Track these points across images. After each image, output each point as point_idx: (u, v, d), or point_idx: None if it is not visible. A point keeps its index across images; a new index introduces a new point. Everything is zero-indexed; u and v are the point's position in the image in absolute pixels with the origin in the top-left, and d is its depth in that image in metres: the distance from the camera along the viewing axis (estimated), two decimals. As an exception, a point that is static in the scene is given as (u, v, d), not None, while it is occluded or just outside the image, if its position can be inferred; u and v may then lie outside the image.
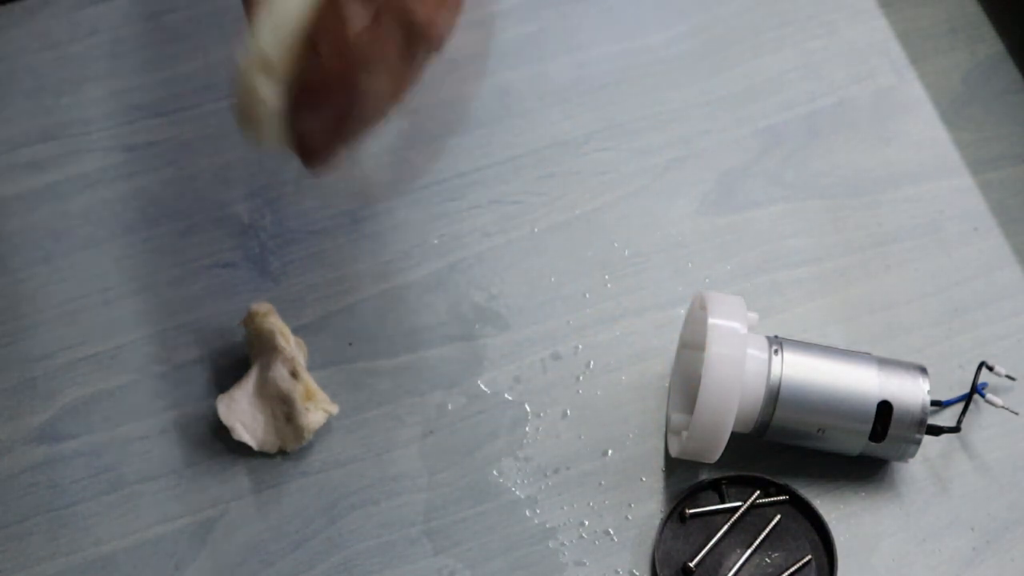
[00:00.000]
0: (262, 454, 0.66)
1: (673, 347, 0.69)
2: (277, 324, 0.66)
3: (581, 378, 0.69)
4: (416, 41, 0.50)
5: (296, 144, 0.54)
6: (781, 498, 0.65)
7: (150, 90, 0.76)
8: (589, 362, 0.70)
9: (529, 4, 0.78)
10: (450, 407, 0.68)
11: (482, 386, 0.69)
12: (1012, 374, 0.68)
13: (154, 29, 0.77)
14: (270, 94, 0.52)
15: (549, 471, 0.67)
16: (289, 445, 0.66)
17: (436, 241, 0.72)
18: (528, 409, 0.68)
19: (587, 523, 0.66)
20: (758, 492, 0.65)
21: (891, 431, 0.63)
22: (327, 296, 0.71)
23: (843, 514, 0.66)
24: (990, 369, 0.67)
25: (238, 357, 0.69)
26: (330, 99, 0.51)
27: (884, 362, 0.65)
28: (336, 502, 0.66)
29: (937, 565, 0.65)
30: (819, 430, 0.64)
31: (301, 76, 0.50)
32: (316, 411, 0.66)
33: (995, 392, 0.67)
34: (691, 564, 0.63)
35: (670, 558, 0.64)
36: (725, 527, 0.64)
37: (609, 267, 0.72)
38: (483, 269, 0.72)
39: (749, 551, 0.64)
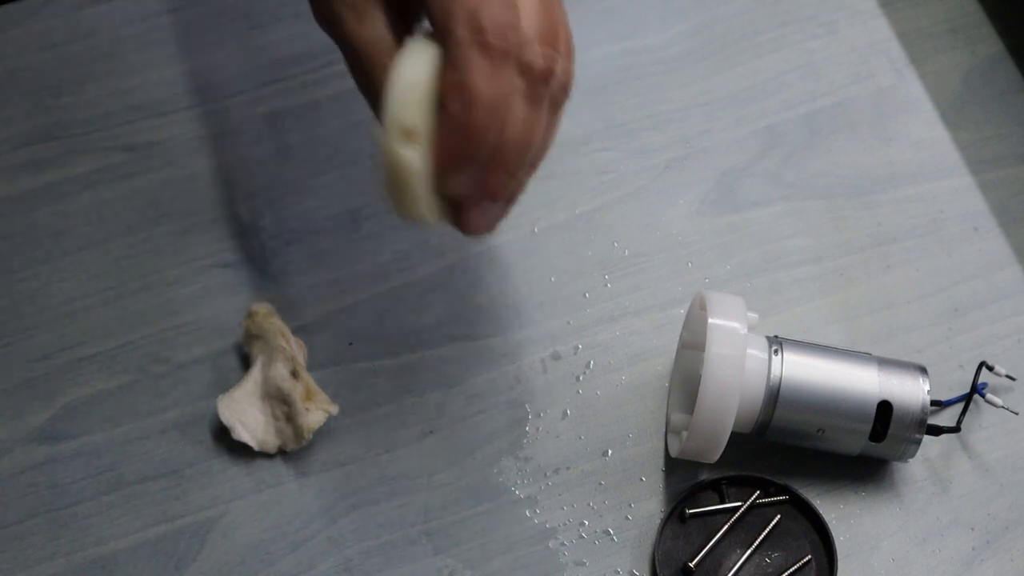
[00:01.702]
0: (262, 454, 0.66)
1: (673, 347, 0.69)
2: (277, 324, 0.66)
3: (581, 378, 0.69)
4: (538, 87, 0.52)
5: (451, 214, 0.56)
6: (781, 498, 0.65)
7: (150, 90, 0.76)
8: (589, 362, 0.70)
9: (529, 4, 0.78)
10: (450, 407, 0.68)
11: (482, 386, 0.69)
12: (1012, 374, 0.68)
13: (154, 29, 0.77)
14: (416, 160, 0.52)
15: (549, 471, 0.67)
16: (289, 445, 0.66)
17: (436, 241, 0.72)
18: (528, 409, 0.68)
19: (587, 523, 0.66)
20: (758, 492, 0.65)
21: (891, 431, 0.64)
22: (327, 296, 0.71)
23: (843, 514, 0.66)
24: (990, 369, 0.67)
25: (238, 357, 0.69)
26: (470, 156, 0.52)
27: (884, 362, 0.65)
28: (336, 502, 0.66)
29: (937, 565, 0.65)
30: (819, 430, 0.64)
31: (439, 140, 0.52)
32: (316, 411, 0.66)
33: (995, 392, 0.67)
34: (691, 564, 0.63)
35: (670, 558, 0.64)
36: (725, 527, 0.64)
37: (609, 267, 0.72)
38: (483, 269, 0.72)
39: (749, 551, 0.64)
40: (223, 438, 0.66)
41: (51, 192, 0.73)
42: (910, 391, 0.64)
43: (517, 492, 0.66)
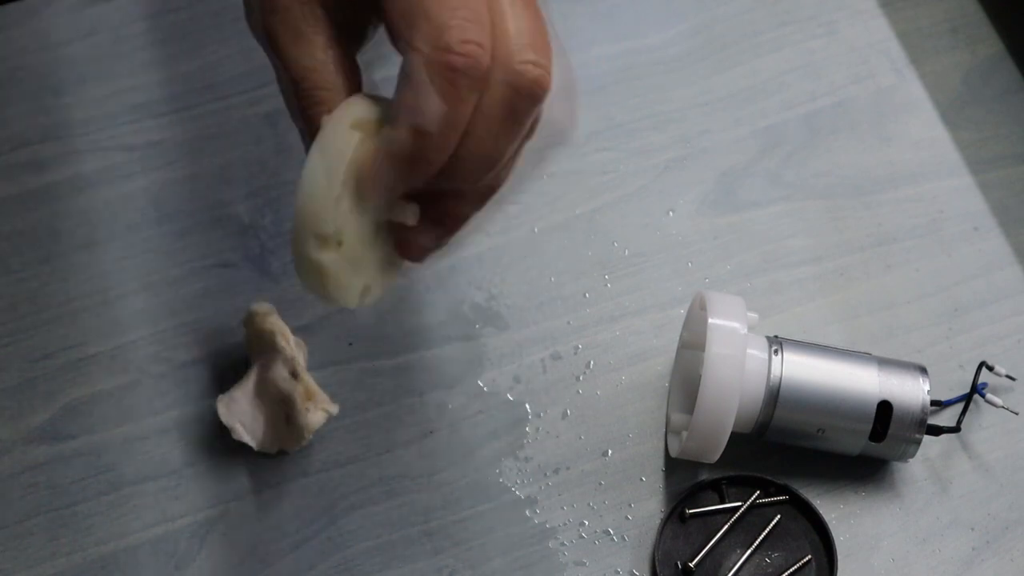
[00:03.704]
0: (262, 454, 0.66)
1: (673, 347, 0.69)
2: (277, 324, 0.66)
3: (581, 378, 0.69)
4: (523, 103, 0.47)
5: (398, 241, 0.52)
6: (781, 498, 0.65)
7: (150, 90, 0.76)
8: (589, 362, 0.70)
9: (529, 4, 0.78)
10: (450, 407, 0.68)
11: (482, 386, 0.69)
12: (1012, 374, 0.68)
13: (154, 29, 0.78)
14: (334, 263, 0.49)
15: (549, 471, 0.67)
16: (289, 445, 0.66)
17: (436, 241, 0.72)
18: (528, 409, 0.68)
19: (587, 523, 0.66)
20: (758, 492, 0.65)
21: (891, 431, 0.64)
22: (327, 296, 0.71)
23: (843, 514, 0.66)
24: (990, 369, 0.67)
25: (238, 357, 0.69)
26: (416, 177, 0.47)
27: (884, 362, 0.65)
28: (336, 502, 0.66)
29: (937, 565, 0.65)
30: (819, 430, 0.64)
31: (389, 155, 0.47)
32: (316, 411, 0.66)
33: (995, 392, 0.67)
34: (691, 564, 0.63)
35: (670, 558, 0.64)
36: (725, 527, 0.64)
37: (609, 267, 0.72)
38: (483, 269, 0.72)
39: (749, 551, 0.64)
40: (223, 438, 0.66)
41: (51, 192, 0.73)
42: (910, 391, 0.64)
43: (517, 492, 0.66)
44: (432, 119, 0.46)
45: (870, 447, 0.64)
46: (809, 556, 0.64)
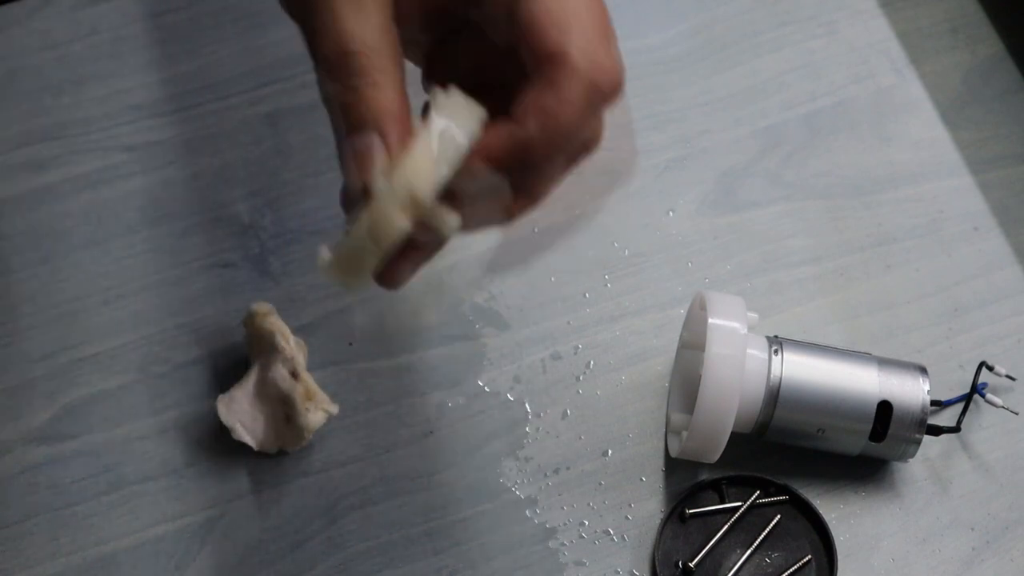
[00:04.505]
0: (262, 454, 0.66)
1: (673, 347, 0.69)
2: (277, 324, 0.66)
3: (581, 378, 0.69)
4: (610, 104, 0.47)
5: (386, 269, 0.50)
6: (781, 498, 0.65)
7: (150, 90, 0.76)
8: (589, 362, 0.70)
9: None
10: (450, 407, 0.68)
11: (482, 386, 0.69)
12: (1012, 374, 0.68)
13: (154, 29, 0.78)
14: (402, 231, 0.45)
15: (549, 471, 0.67)
16: (289, 445, 0.66)
17: (436, 241, 0.72)
18: (528, 409, 0.68)
19: (587, 523, 0.66)
20: (758, 492, 0.65)
21: (891, 431, 0.64)
22: (327, 296, 0.71)
23: (843, 514, 0.66)
24: (990, 369, 0.67)
25: (238, 357, 0.69)
26: (517, 165, 0.46)
27: (884, 362, 0.65)
28: (336, 502, 0.66)
29: (937, 565, 0.65)
30: (819, 430, 0.64)
31: (489, 140, 0.46)
32: (316, 411, 0.66)
33: (995, 392, 0.67)
34: (691, 564, 0.63)
35: (670, 558, 0.64)
36: (725, 527, 0.64)
37: (609, 267, 0.72)
38: (483, 269, 0.72)
39: (749, 551, 0.64)
40: (223, 438, 0.66)
41: (51, 192, 0.73)
42: (910, 391, 0.64)
43: (517, 492, 0.66)
44: (569, 128, 0.45)
45: (870, 447, 0.64)
46: (809, 556, 0.64)
